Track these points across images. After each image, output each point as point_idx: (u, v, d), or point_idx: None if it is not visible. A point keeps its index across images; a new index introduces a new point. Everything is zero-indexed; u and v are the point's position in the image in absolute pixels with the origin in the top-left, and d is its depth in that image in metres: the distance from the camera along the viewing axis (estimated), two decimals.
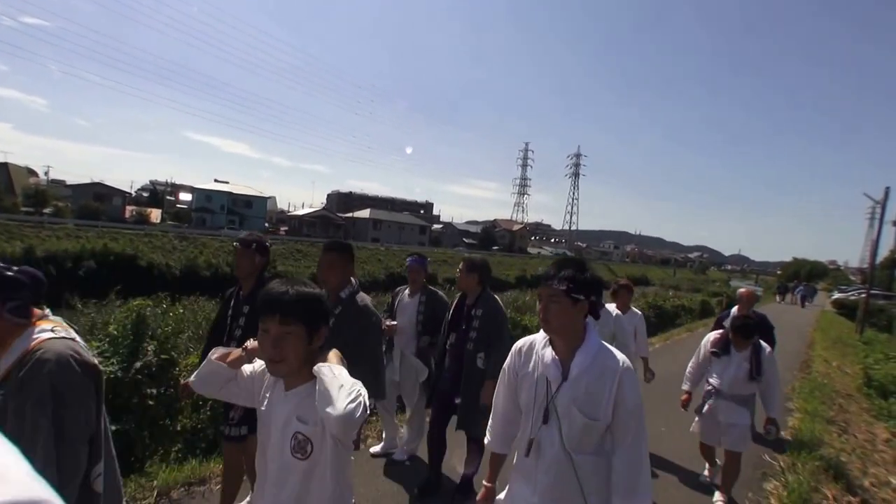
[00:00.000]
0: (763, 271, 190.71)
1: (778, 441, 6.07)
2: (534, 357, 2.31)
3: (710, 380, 4.98)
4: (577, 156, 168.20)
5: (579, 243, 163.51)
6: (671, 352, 12.94)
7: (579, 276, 2.14)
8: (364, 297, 3.56)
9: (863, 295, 27.13)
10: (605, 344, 2.25)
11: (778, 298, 39.09)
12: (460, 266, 4.36)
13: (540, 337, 2.34)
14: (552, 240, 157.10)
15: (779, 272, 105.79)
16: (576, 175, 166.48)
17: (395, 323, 5.13)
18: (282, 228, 76.41)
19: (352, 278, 3.61)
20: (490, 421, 2.56)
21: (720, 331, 5.23)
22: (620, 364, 2.14)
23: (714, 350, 4.98)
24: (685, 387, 5.23)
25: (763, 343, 4.85)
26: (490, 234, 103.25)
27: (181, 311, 7.53)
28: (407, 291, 5.26)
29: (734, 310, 7.04)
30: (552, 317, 2.16)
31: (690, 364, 5.29)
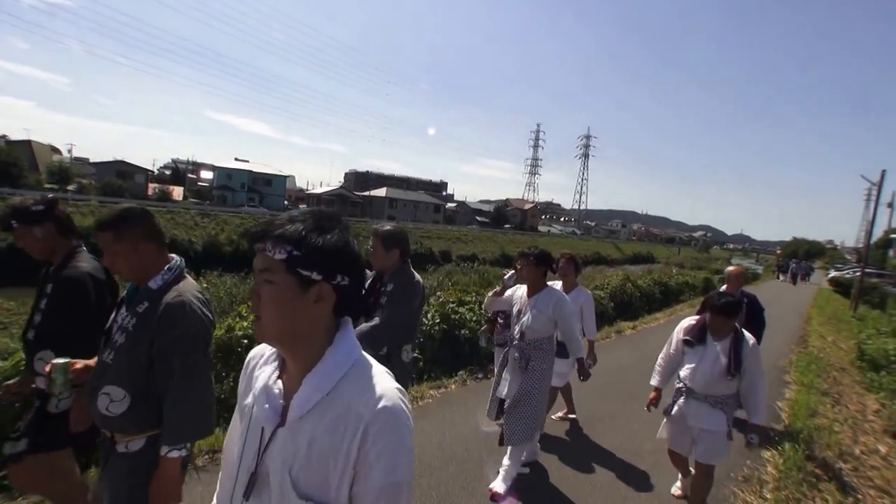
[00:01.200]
0: (764, 250, 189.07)
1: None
2: (255, 379, 1.31)
3: (682, 375, 3.97)
4: (587, 137, 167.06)
5: (588, 222, 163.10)
6: (675, 326, 12.95)
7: (313, 240, 1.12)
8: (184, 291, 2.21)
9: (857, 273, 26.99)
10: (368, 360, 1.22)
11: (781, 277, 38.74)
12: (372, 241, 3.29)
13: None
14: (562, 218, 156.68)
15: (778, 251, 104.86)
16: (585, 156, 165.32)
17: None
18: (300, 206, 75.61)
19: (172, 257, 2.35)
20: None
21: (697, 316, 4.13)
22: (375, 404, 1.11)
23: (686, 338, 3.93)
24: (653, 382, 4.16)
25: (746, 333, 3.80)
26: (502, 213, 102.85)
27: (204, 285, 7.49)
28: None
29: (722, 289, 6.22)
30: (263, 308, 1.14)
31: (661, 355, 4.23)
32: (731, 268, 6.55)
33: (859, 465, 5.46)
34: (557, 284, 5.12)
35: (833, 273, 43.77)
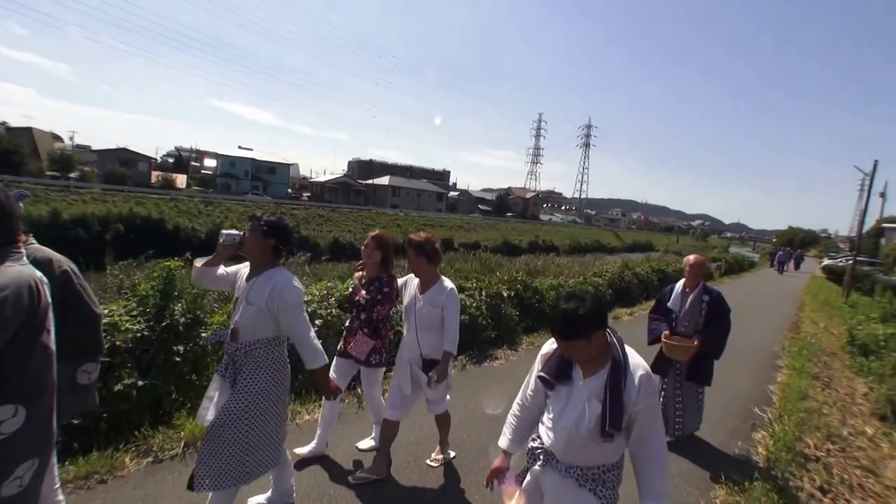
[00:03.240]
0: (760, 238, 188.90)
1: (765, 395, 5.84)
2: None
3: (539, 430, 2.39)
4: (588, 127, 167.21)
5: (589, 210, 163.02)
6: None
7: None
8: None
9: (850, 261, 27.04)
10: None
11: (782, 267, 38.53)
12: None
13: None
14: (563, 207, 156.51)
15: (774, 240, 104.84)
16: (587, 145, 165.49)
17: None
18: (304, 194, 76.14)
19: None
20: None
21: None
22: None
23: (541, 374, 2.31)
24: (502, 443, 2.52)
25: (633, 360, 2.14)
26: (504, 202, 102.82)
27: None
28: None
29: (679, 284, 5.06)
30: None
31: (517, 398, 2.53)
32: (690, 257, 5.09)
33: (847, 447, 5.50)
34: (415, 281, 3.90)
35: (826, 261, 43.90)
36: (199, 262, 3.15)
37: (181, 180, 59.97)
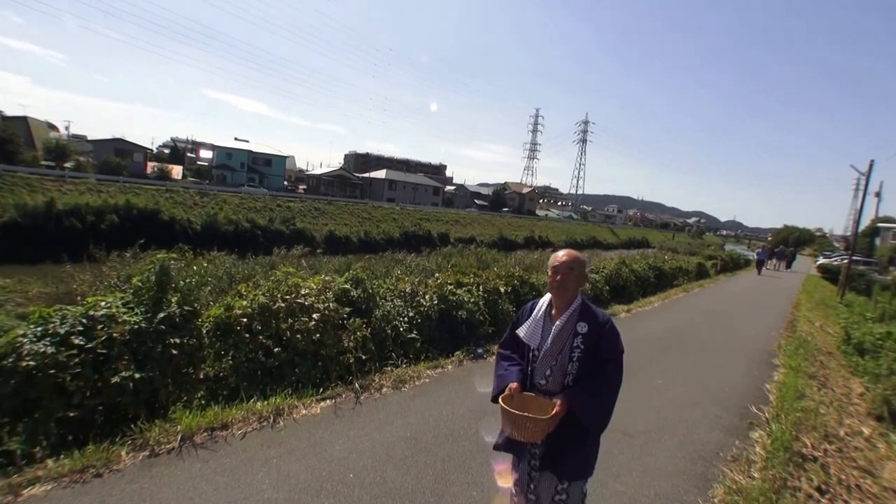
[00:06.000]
0: (755, 236, 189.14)
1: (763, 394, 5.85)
2: None
3: None
4: (585, 123, 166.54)
5: (585, 206, 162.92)
6: (668, 310, 13.24)
7: None
8: None
9: (845, 260, 27.15)
10: None
11: (775, 262, 38.40)
12: None
13: None
14: (559, 203, 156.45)
15: (769, 238, 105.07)
16: (583, 141, 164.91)
17: None
18: (300, 187, 75.85)
19: None
20: None
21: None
22: None
23: None
24: None
25: None
26: (500, 197, 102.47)
27: (205, 264, 7.42)
28: None
29: (543, 300, 2.89)
30: None
31: None
32: (558, 252, 2.88)
33: (844, 447, 5.50)
34: None
35: (821, 260, 44.09)
36: None
37: (177, 171, 59.31)
